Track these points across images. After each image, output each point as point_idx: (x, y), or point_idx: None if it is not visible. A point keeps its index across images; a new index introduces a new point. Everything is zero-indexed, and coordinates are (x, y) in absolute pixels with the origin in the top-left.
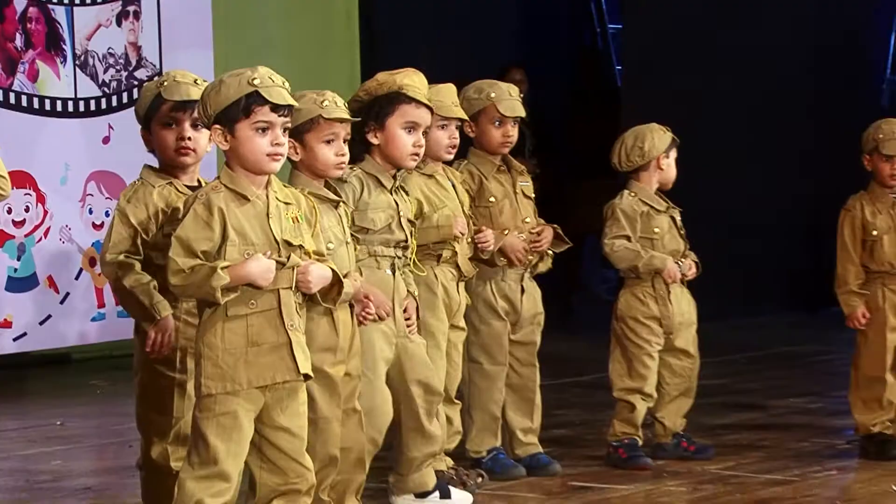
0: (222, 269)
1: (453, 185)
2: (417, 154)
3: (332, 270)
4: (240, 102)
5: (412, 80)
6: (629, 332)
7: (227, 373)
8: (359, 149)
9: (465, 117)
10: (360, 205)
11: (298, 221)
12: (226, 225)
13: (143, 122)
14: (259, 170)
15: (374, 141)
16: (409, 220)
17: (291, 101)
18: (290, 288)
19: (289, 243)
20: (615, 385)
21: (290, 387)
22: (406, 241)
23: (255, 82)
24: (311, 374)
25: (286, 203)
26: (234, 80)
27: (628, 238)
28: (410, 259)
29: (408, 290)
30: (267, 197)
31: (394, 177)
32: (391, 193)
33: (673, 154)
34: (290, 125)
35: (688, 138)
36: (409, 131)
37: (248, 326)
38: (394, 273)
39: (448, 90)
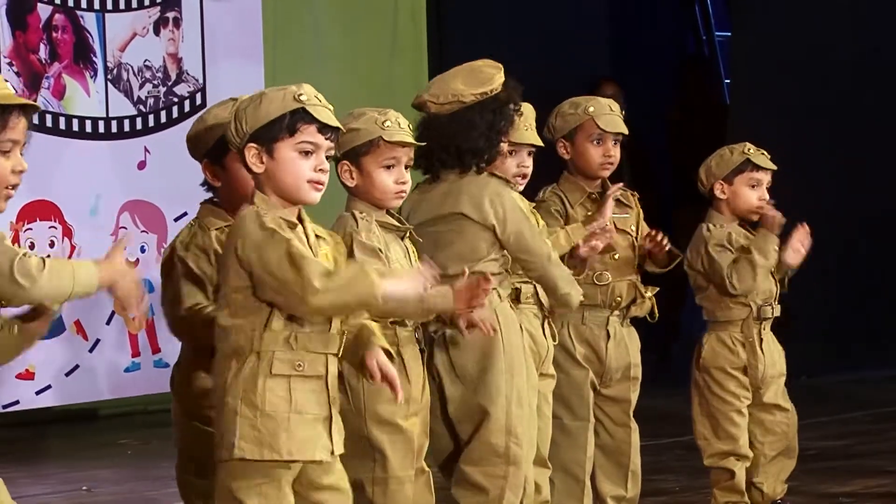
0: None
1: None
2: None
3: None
4: (283, 119)
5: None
6: (713, 384)
7: (264, 438)
8: (492, 150)
9: (538, 143)
10: None
11: (328, 259)
12: None
13: (212, 155)
14: (297, 198)
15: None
16: None
17: (339, 124)
18: (338, 355)
19: None
20: (705, 451)
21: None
22: None
23: (302, 98)
24: (342, 450)
25: (318, 237)
26: (277, 94)
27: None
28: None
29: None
30: (303, 226)
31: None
32: None
33: (742, 180)
34: (332, 151)
35: (804, 160)
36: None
37: (290, 390)
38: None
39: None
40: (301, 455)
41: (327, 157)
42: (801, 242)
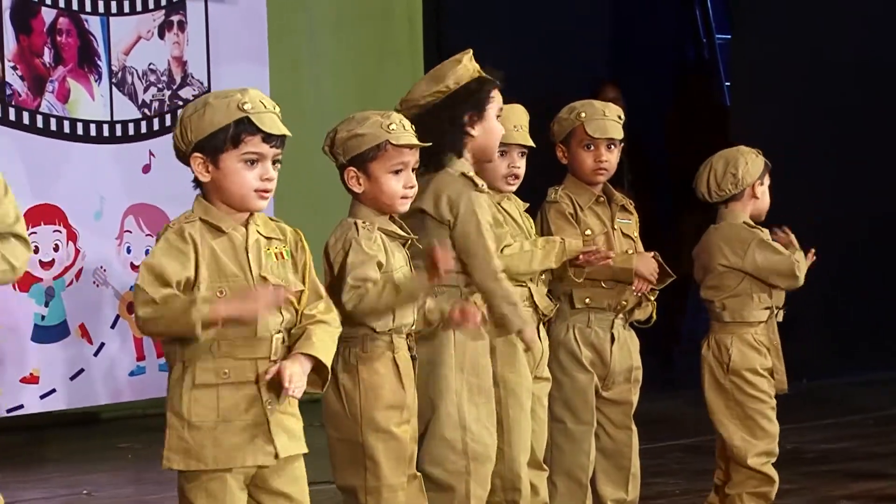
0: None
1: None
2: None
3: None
4: (227, 130)
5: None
6: (747, 385)
7: (191, 448)
8: (456, 143)
9: (527, 143)
10: None
11: (283, 258)
12: (198, 257)
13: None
14: (243, 207)
15: (473, 132)
16: None
17: (285, 131)
18: (269, 359)
19: (265, 279)
20: (748, 453)
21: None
22: None
23: (246, 107)
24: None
25: (268, 238)
26: (221, 102)
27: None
28: None
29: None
30: (247, 230)
31: None
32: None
33: (767, 181)
34: (280, 158)
35: (805, 163)
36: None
37: (217, 398)
38: None
39: (510, 112)
40: (229, 463)
41: (274, 163)
42: None
